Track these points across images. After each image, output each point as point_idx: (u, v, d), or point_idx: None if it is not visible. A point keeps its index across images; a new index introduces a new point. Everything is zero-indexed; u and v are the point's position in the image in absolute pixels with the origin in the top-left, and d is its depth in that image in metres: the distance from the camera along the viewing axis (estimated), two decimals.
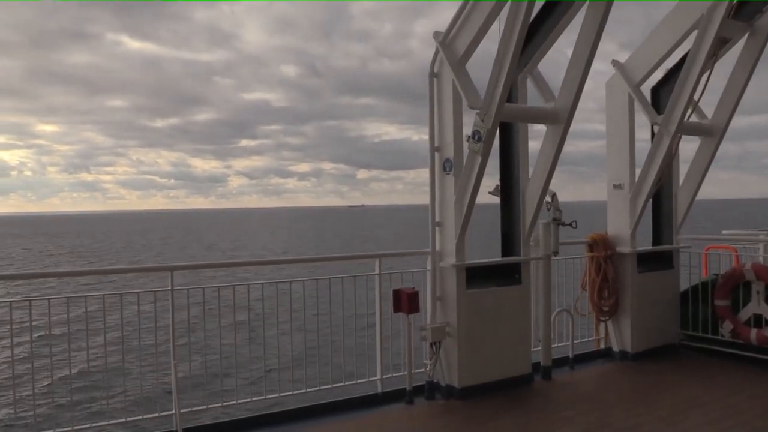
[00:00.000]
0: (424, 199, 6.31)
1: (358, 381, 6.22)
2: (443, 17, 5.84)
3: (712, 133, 7.72)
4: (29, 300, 5.09)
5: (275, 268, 19.10)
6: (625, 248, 7.47)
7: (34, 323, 4.82)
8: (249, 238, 76.84)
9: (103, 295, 5.34)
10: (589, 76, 6.04)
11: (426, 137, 6.28)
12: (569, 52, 6.02)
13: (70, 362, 5.10)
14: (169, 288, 5.26)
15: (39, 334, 5.14)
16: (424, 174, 6.27)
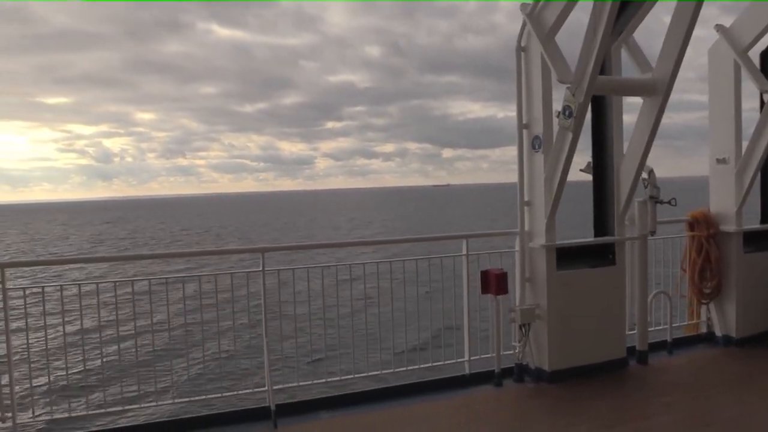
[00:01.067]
0: (511, 178, 6.15)
1: (446, 362, 6.19)
2: None
3: None
4: (132, 281, 5.37)
5: (365, 248, 19.34)
6: (730, 227, 6.99)
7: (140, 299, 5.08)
8: (337, 221, 78.07)
9: (199, 276, 5.55)
10: (689, 43, 5.65)
11: (512, 114, 6.10)
12: (666, 19, 5.64)
13: (169, 338, 5.35)
14: (261, 269, 5.39)
15: (146, 310, 5.39)
16: (511, 152, 6.11)
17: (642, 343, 6.56)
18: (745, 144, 6.89)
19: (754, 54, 7.07)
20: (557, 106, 5.73)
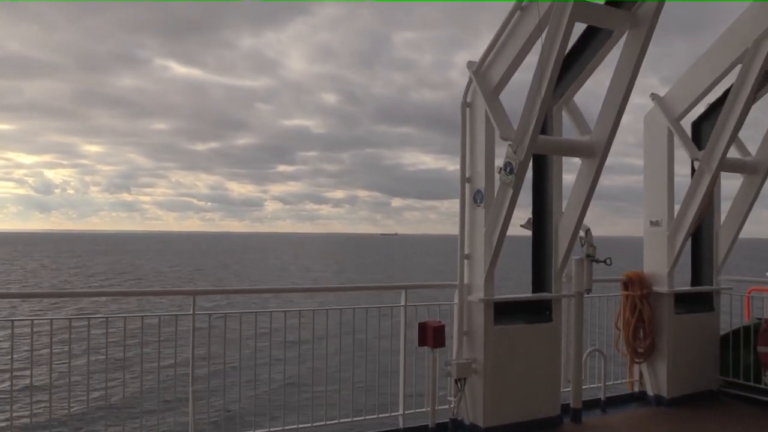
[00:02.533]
0: (457, 230, 6.13)
1: (380, 415, 6.02)
2: (484, 48, 5.74)
3: (757, 171, 7.40)
4: (51, 320, 5.06)
5: (300, 296, 19.01)
6: (662, 288, 7.15)
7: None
8: (280, 264, 76.87)
9: (125, 317, 5.28)
10: (627, 110, 5.86)
11: None
12: (606, 84, 5.85)
13: (88, 387, 5.03)
14: (191, 312, 5.17)
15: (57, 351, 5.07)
16: (458, 204, 6.12)
17: (576, 401, 6.56)
18: (677, 208, 7.13)
19: (686, 123, 7.40)
20: (499, 162, 5.82)
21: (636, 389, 7.44)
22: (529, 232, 6.63)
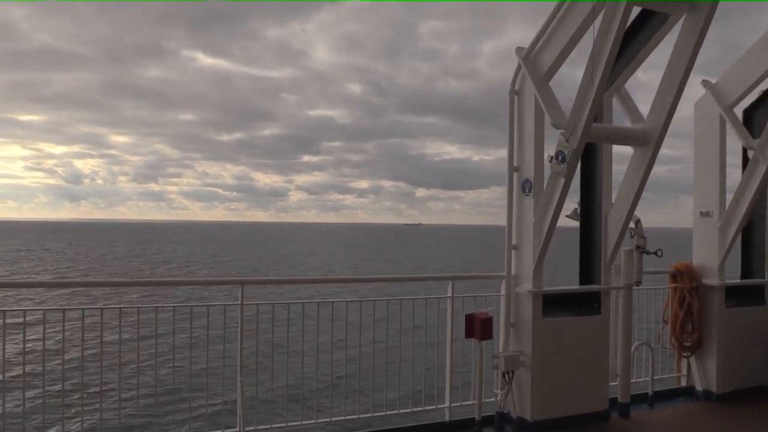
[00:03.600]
0: (483, 220, 6.16)
1: (426, 408, 5.95)
2: (511, 38, 5.62)
3: None
4: (101, 308, 5.08)
5: (344, 286, 18.99)
6: (712, 280, 6.95)
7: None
8: (314, 255, 77.02)
9: (174, 306, 5.28)
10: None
11: (488, 158, 6.13)
12: (646, 74, 5.66)
13: (138, 373, 5.04)
14: (239, 302, 5.15)
15: (108, 338, 5.09)
16: (484, 194, 6.09)
17: (624, 395, 6.41)
18: (729, 198, 6.92)
19: (738, 110, 7.16)
20: (549, 150, 5.68)
21: (684, 384, 7.26)
22: (571, 223, 6.48)
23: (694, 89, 6.99)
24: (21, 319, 4.81)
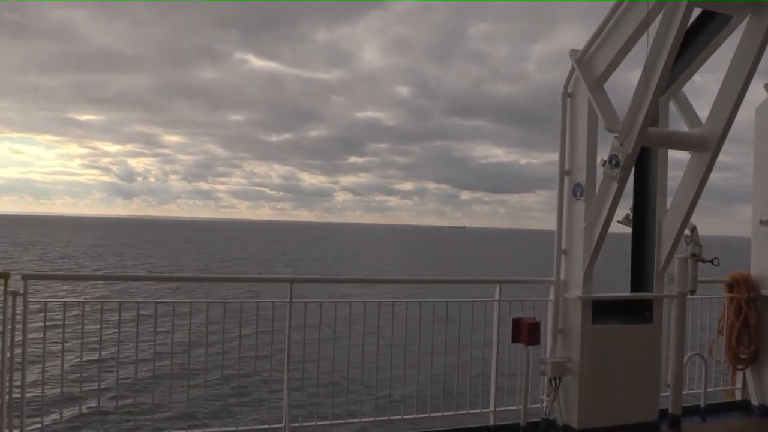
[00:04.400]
0: (527, 224, 6.06)
1: (470, 411, 5.92)
2: (561, 40, 5.54)
3: None
4: (155, 302, 5.23)
5: (391, 287, 19.04)
6: None
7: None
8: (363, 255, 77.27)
9: (225, 302, 5.39)
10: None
11: (535, 161, 6.08)
12: (709, 75, 5.50)
13: (189, 366, 5.16)
14: (288, 300, 5.22)
15: (161, 335, 5.23)
16: (528, 198, 6.03)
17: (675, 407, 6.24)
18: None
19: None
20: (602, 154, 5.58)
21: (739, 397, 7.02)
22: (622, 229, 6.35)
23: (756, 94, 6.77)
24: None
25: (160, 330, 5.13)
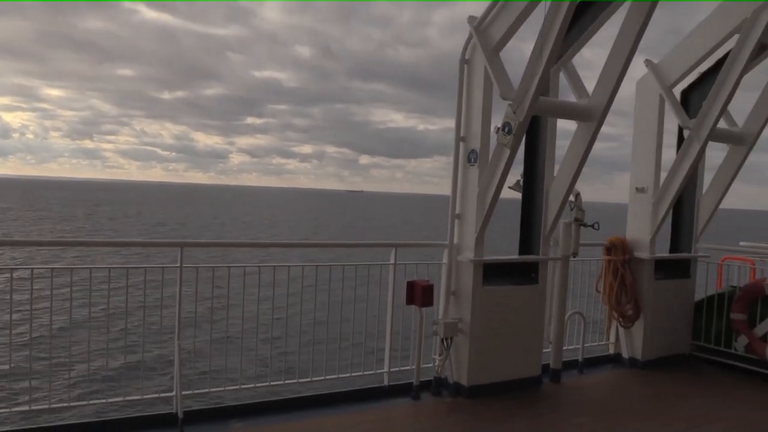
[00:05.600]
0: (424, 189, 6.21)
1: (365, 372, 6.01)
2: (463, 8, 5.57)
3: (743, 142, 7.47)
4: (31, 269, 4.86)
5: (286, 251, 18.88)
6: (643, 253, 7.24)
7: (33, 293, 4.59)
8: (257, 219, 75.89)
9: (109, 268, 5.10)
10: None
11: (433, 128, 6.16)
12: (597, 50, 5.74)
13: (70, 335, 4.87)
14: (178, 265, 5.02)
15: (40, 305, 4.88)
16: (426, 164, 6.11)
17: (556, 362, 6.66)
18: (663, 176, 7.17)
19: (676, 91, 7.38)
20: (496, 121, 5.72)
21: (612, 351, 7.59)
22: (514, 195, 6.60)
23: (637, 69, 7.17)
24: None
25: (38, 296, 4.78)
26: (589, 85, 6.07)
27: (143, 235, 46.65)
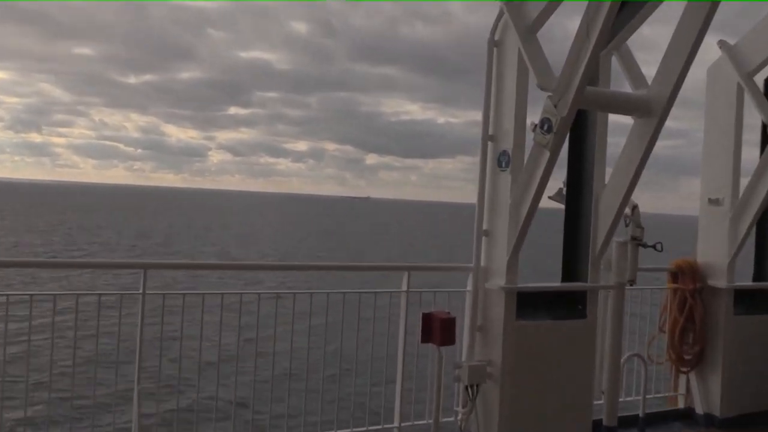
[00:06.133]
0: (444, 196, 6.27)
1: (370, 428, 6.05)
2: None
3: None
4: None
5: (274, 274, 18.76)
6: (719, 282, 7.24)
7: None
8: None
9: (54, 294, 5.18)
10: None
11: (455, 121, 6.31)
12: (660, 29, 5.79)
13: (3, 374, 4.97)
14: (141, 291, 5.10)
15: None
16: (447, 165, 6.20)
17: (610, 418, 6.63)
18: (744, 183, 7.18)
19: (759, 79, 7.40)
20: (532, 117, 5.78)
21: (682, 405, 7.57)
22: (556, 206, 6.64)
23: (709, 52, 7.18)
24: None
25: None
26: (649, 72, 6.12)
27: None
